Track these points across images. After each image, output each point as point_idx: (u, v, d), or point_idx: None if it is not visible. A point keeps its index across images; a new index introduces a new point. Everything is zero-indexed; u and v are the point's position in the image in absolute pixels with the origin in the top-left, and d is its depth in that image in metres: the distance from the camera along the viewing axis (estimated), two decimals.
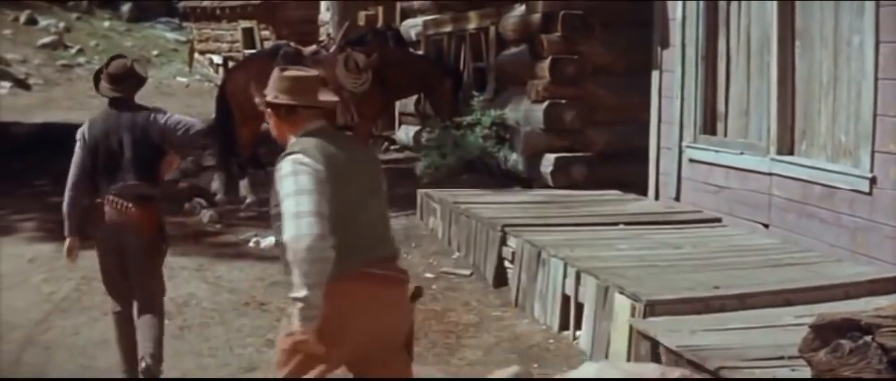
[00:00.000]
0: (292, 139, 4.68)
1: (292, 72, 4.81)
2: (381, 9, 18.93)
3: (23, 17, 36.54)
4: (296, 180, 4.41)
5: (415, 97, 16.09)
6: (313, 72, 4.99)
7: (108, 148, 6.81)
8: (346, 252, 4.40)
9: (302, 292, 4.26)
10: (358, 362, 4.77)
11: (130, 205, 6.73)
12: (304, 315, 4.29)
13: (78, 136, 6.92)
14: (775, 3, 8.92)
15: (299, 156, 4.50)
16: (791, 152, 8.89)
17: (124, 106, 6.92)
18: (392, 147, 18.22)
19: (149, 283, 6.94)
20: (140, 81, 7.08)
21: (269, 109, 4.76)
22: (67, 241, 7.00)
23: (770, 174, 9.00)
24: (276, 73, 4.80)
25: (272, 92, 4.74)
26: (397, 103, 16.76)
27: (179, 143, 6.98)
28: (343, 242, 4.38)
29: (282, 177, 4.48)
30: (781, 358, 5.71)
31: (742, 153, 9.47)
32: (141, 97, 7.41)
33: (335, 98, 4.98)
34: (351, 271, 4.48)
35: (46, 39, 34.94)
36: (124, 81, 6.95)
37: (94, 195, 6.93)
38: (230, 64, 25.43)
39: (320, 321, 4.32)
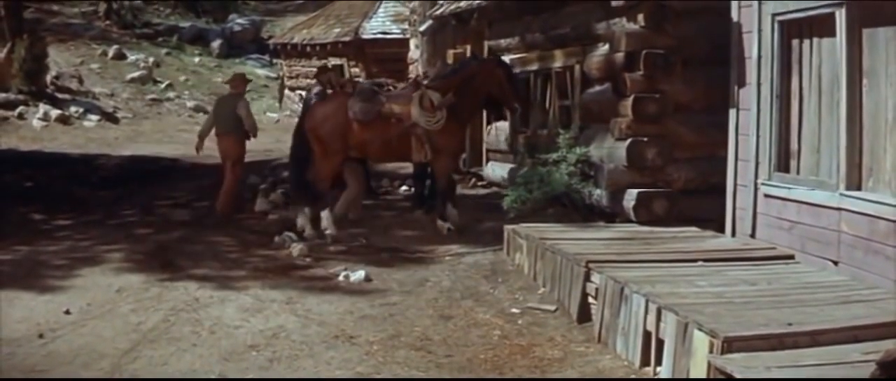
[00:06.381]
0: None
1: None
2: (469, 47, 19.05)
3: (111, 52, 37.17)
4: None
5: (504, 137, 16.76)
6: None
7: None
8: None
9: None
10: None
11: None
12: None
13: None
14: (844, 41, 9.12)
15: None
16: (859, 189, 9.07)
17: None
18: (479, 183, 18.49)
19: None
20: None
21: None
22: None
23: (839, 210, 9.19)
24: None
25: None
26: (485, 140, 17.07)
27: None
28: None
29: None
30: None
31: (813, 190, 9.67)
32: None
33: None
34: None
35: (135, 74, 35.48)
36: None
37: None
38: None
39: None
